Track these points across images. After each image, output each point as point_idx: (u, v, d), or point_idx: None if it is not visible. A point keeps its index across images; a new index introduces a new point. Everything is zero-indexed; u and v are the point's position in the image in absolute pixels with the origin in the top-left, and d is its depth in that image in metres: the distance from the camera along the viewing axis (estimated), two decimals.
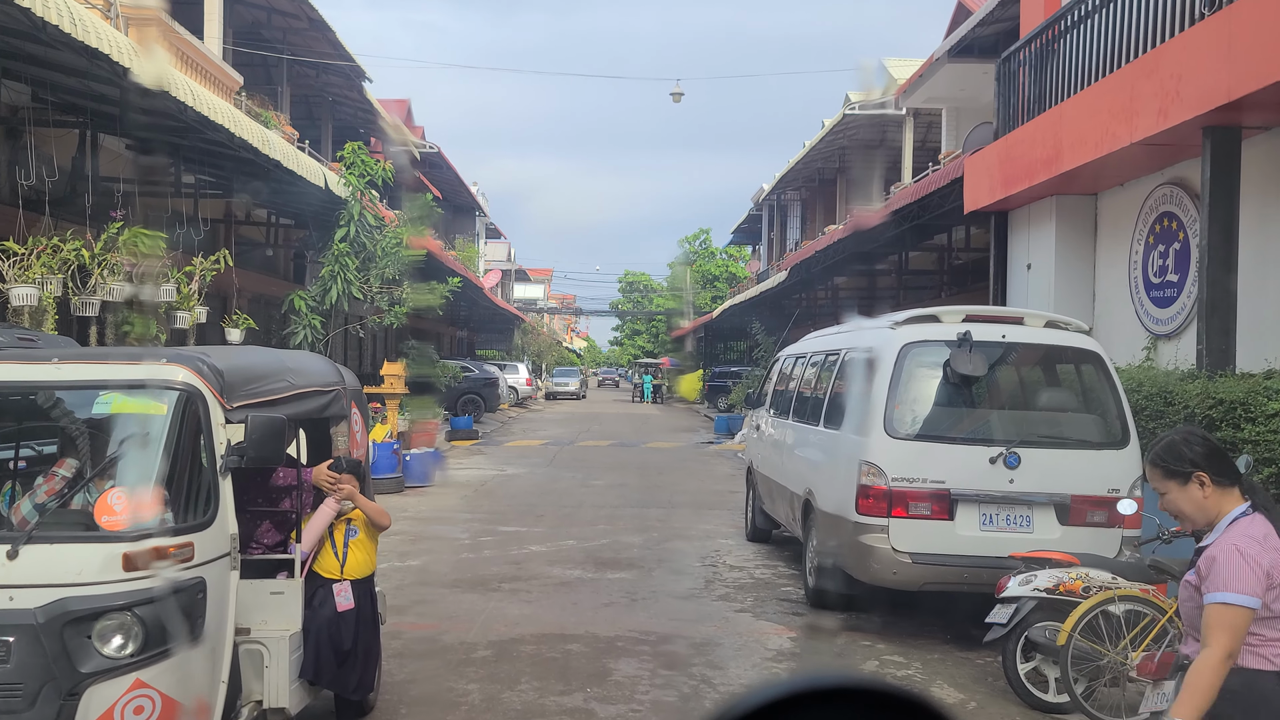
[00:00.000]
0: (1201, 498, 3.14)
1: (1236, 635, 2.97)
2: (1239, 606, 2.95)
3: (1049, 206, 11.96)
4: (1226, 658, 2.96)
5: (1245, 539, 3.01)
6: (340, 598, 5.10)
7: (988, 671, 6.88)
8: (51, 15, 7.47)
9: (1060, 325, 7.85)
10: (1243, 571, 2.96)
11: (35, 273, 8.28)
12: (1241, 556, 2.98)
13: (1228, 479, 3.12)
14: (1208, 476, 3.12)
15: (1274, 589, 3.00)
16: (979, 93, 19.21)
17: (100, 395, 4.16)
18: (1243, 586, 2.96)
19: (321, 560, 5.15)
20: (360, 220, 15.40)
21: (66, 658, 3.65)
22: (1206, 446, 3.16)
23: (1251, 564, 2.97)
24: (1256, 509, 3.10)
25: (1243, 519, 3.08)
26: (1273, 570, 2.99)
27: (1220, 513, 3.13)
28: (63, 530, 3.95)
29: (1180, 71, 8.33)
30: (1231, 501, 3.12)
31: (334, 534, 5.18)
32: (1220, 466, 3.14)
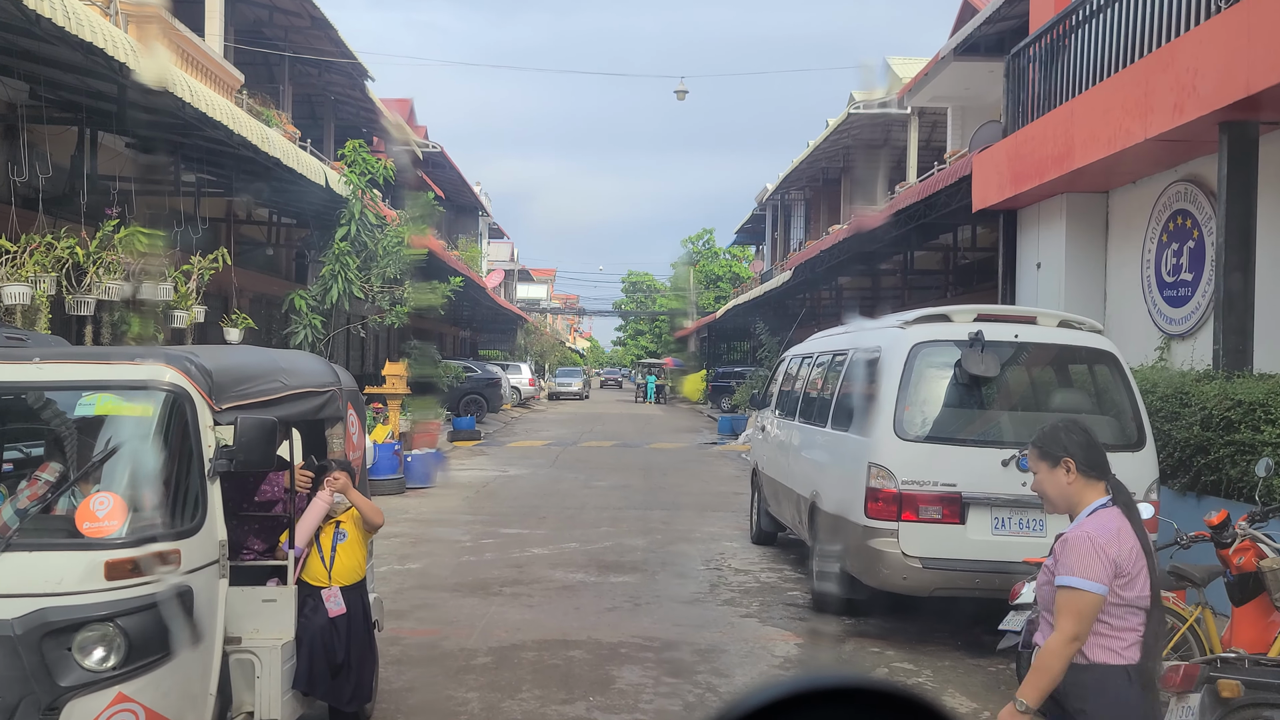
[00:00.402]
0: (1065, 483, 3.27)
1: (1083, 619, 3.07)
2: (1086, 592, 3.07)
3: (1059, 204, 11.79)
4: (1072, 640, 3.07)
5: (1099, 529, 3.14)
6: (330, 603, 4.92)
7: (1000, 679, 6.71)
8: (44, 8, 7.32)
9: (1074, 325, 7.67)
10: (1091, 558, 3.08)
11: (28, 271, 8.14)
12: (1092, 544, 3.10)
13: (1095, 473, 3.25)
14: (1074, 464, 3.25)
15: (1121, 578, 3.10)
16: (985, 91, 19.06)
17: (83, 396, 4.00)
18: (1090, 573, 3.07)
19: (309, 566, 4.96)
20: (361, 219, 15.26)
21: (45, 671, 3.49)
22: (1084, 438, 3.29)
23: (1099, 552, 3.08)
24: (1115, 503, 3.22)
25: (1101, 510, 3.21)
26: (1120, 561, 3.10)
27: (1082, 502, 3.26)
28: (43, 537, 3.78)
29: (1197, 66, 8.16)
30: (1094, 493, 3.25)
31: (320, 538, 4.99)
32: (1090, 459, 3.26)
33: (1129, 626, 3.14)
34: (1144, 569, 3.16)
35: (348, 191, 14.96)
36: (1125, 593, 3.12)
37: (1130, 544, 3.14)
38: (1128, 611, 3.13)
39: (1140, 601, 3.14)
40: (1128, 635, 3.14)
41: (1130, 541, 3.14)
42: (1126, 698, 3.10)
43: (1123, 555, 3.11)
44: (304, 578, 4.91)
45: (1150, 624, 3.17)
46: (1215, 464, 7.67)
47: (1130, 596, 3.13)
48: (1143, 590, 3.14)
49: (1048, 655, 3.10)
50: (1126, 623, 3.14)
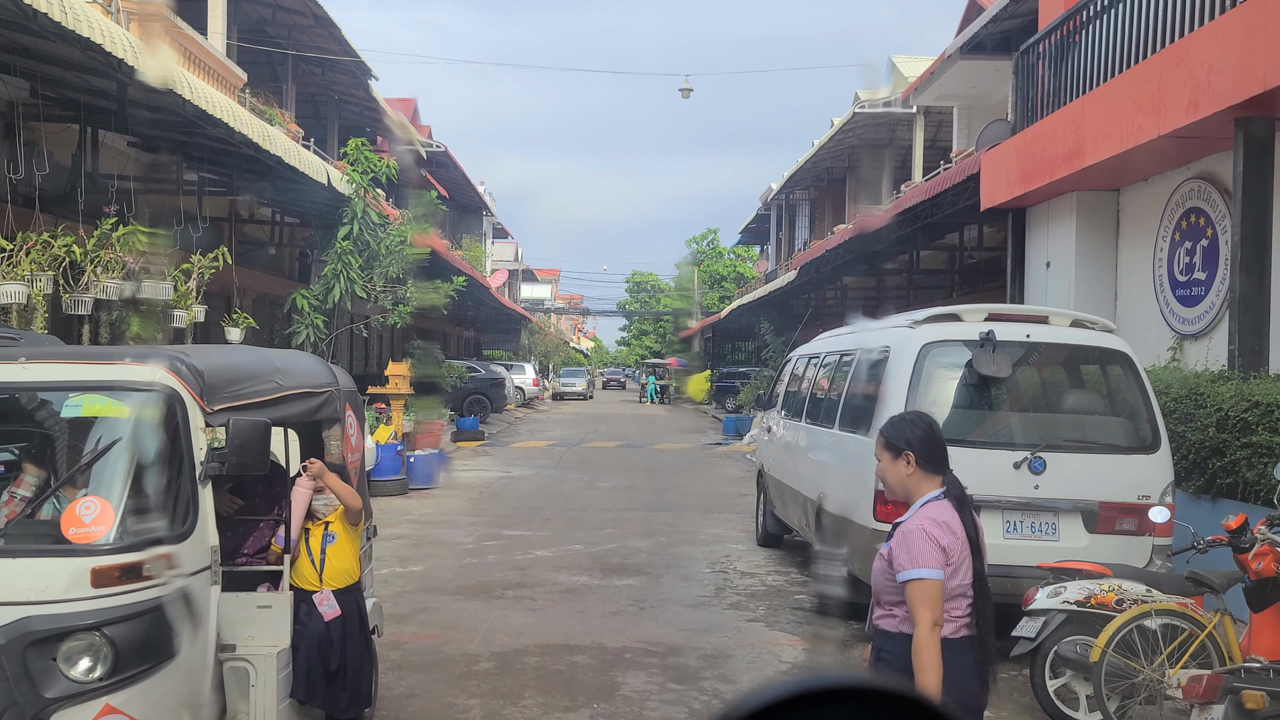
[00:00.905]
0: (905, 474, 3.46)
1: (935, 604, 3.29)
2: (929, 580, 3.29)
3: (1069, 202, 11.65)
4: (934, 626, 3.29)
5: (930, 520, 3.34)
6: (323, 606, 4.77)
7: (1013, 686, 6.58)
8: (41, 4, 7.22)
9: (1087, 324, 7.53)
10: (926, 548, 3.30)
11: (24, 270, 8.03)
12: (925, 535, 3.31)
13: (933, 466, 3.44)
14: (914, 457, 3.43)
15: (948, 567, 3.32)
16: (991, 90, 18.93)
17: (70, 398, 3.88)
18: (928, 561, 3.30)
19: (299, 571, 4.81)
20: (364, 218, 15.15)
21: (29, 681, 3.36)
22: (925, 433, 3.46)
23: (933, 542, 3.30)
24: (948, 497, 3.40)
25: (932, 503, 3.40)
26: (949, 550, 3.32)
27: (918, 492, 3.45)
28: (27, 543, 3.66)
29: (1212, 61, 8.02)
30: (930, 485, 3.43)
31: (309, 542, 4.84)
32: (930, 453, 3.44)
33: (955, 608, 3.38)
34: (967, 559, 3.38)
35: (350, 190, 14.85)
36: (950, 581, 3.35)
37: (958, 535, 3.36)
38: (953, 596, 3.37)
39: (963, 589, 3.38)
40: (951, 615, 3.38)
41: (959, 533, 3.36)
42: (953, 668, 3.33)
43: (951, 545, 3.33)
44: (295, 583, 4.76)
45: (977, 605, 3.41)
46: (1231, 466, 7.53)
47: (954, 585, 3.36)
48: (964, 578, 3.37)
49: (922, 649, 3.28)
50: (953, 604, 3.38)
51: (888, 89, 24.55)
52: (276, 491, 5.20)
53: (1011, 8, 14.82)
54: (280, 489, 5.23)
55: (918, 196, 15.74)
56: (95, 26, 7.82)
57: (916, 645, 3.28)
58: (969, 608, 3.40)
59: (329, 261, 15.18)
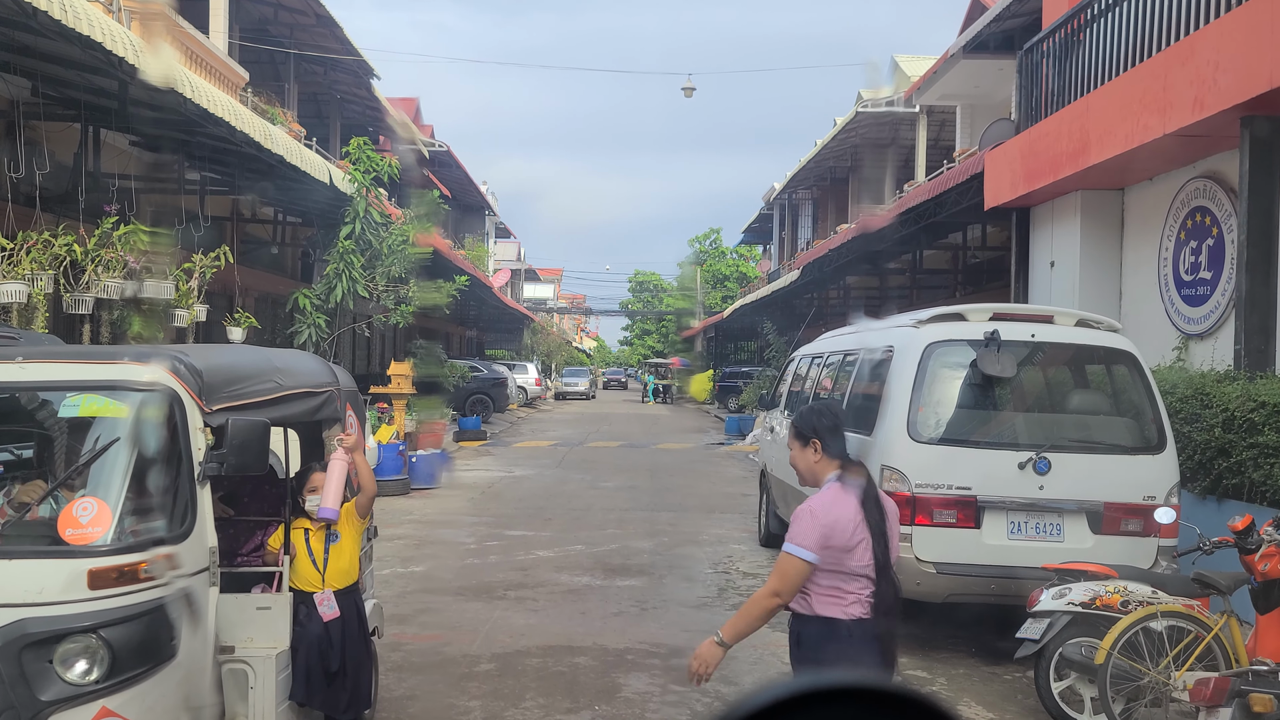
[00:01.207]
0: (813, 460, 3.70)
1: (786, 579, 3.50)
2: (795, 557, 3.49)
3: (1073, 202, 11.60)
4: (773, 594, 3.52)
5: (820, 502, 3.57)
6: (323, 607, 4.71)
7: (1017, 688, 6.54)
8: (41, 1, 7.19)
9: (1092, 324, 7.49)
10: (807, 528, 3.49)
11: (25, 269, 8.00)
12: (811, 516, 3.51)
13: (835, 452, 3.68)
14: (820, 445, 3.67)
15: (836, 548, 3.49)
16: (994, 89, 18.88)
17: (68, 397, 3.84)
18: (803, 541, 3.49)
19: (300, 572, 4.75)
20: (366, 218, 15.11)
21: (26, 684, 3.33)
22: (831, 424, 3.71)
23: (814, 521, 3.49)
24: (842, 481, 3.62)
25: (830, 486, 3.62)
26: (832, 530, 3.48)
27: (824, 478, 3.68)
28: (23, 545, 3.62)
29: (1217, 59, 7.97)
30: (831, 469, 3.66)
31: (311, 541, 4.78)
32: (833, 441, 3.69)
33: (853, 590, 3.52)
34: (864, 542, 3.51)
35: (352, 190, 14.82)
36: (849, 561, 3.50)
37: (846, 516, 3.51)
38: (852, 578, 3.52)
39: (863, 570, 3.52)
40: (851, 596, 3.52)
41: (847, 514, 3.51)
42: (847, 645, 3.51)
43: (836, 525, 3.49)
44: (295, 584, 4.72)
45: (879, 588, 3.54)
46: (1238, 467, 7.49)
47: (852, 565, 3.51)
48: (863, 560, 3.50)
49: (751, 603, 3.59)
50: (851, 586, 3.52)
51: (891, 88, 24.50)
52: (265, 491, 5.17)
53: (1015, 6, 14.77)
54: (269, 490, 5.20)
55: (921, 196, 15.69)
56: (96, 25, 7.79)
57: (753, 598, 3.61)
58: (868, 590, 3.54)
59: (331, 261, 15.15)
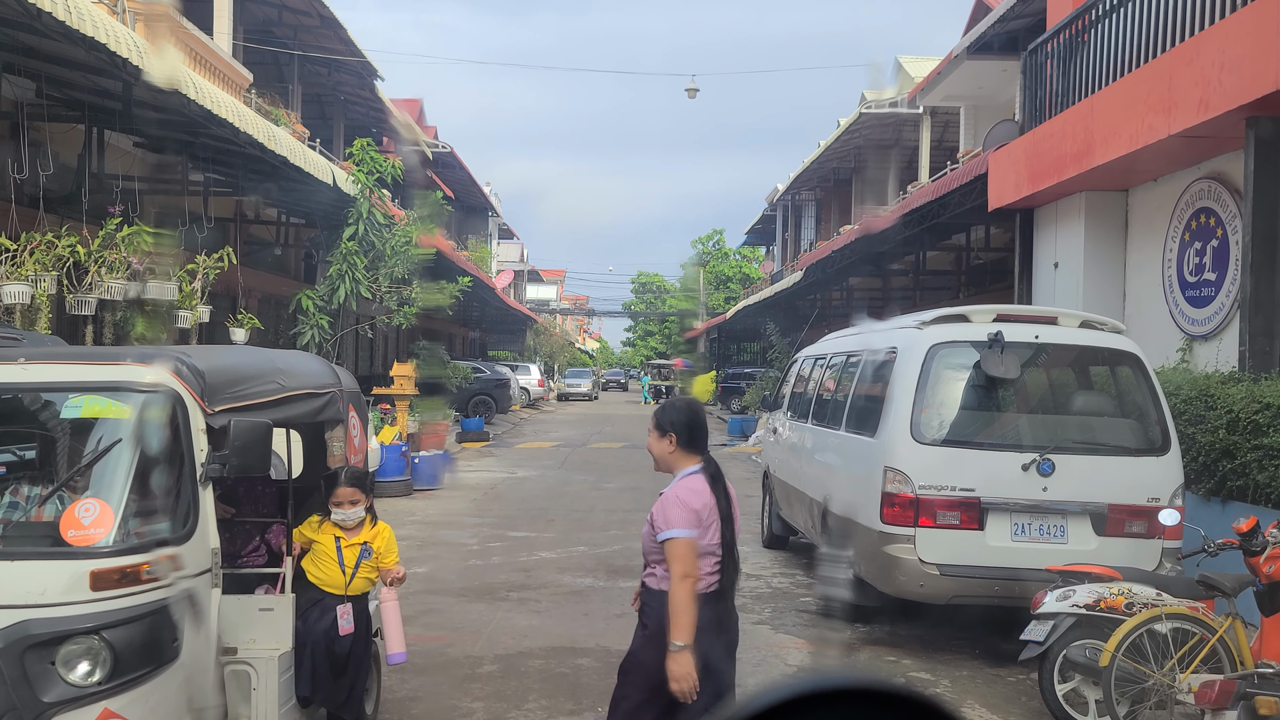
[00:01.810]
0: (668, 451, 4.10)
1: (688, 559, 3.85)
2: (684, 538, 3.86)
3: (1078, 203, 11.58)
4: (685, 577, 3.83)
5: (685, 490, 3.96)
6: (344, 620, 4.72)
7: (1021, 690, 6.52)
8: (45, 3, 7.20)
9: (1096, 325, 7.47)
10: (681, 512, 3.89)
11: (28, 270, 8.01)
12: (680, 501, 3.92)
13: (693, 447, 4.07)
14: (676, 438, 4.06)
15: (698, 529, 3.90)
16: (998, 90, 18.86)
17: (70, 398, 3.84)
18: (681, 522, 3.88)
19: (325, 571, 4.73)
20: (369, 218, 15.12)
21: (28, 686, 3.32)
22: (689, 419, 4.10)
23: (685, 506, 3.90)
24: (703, 472, 4.02)
25: (690, 476, 4.02)
26: (700, 512, 3.90)
27: (679, 467, 4.06)
28: (25, 546, 3.62)
29: (1223, 60, 7.95)
30: (690, 462, 4.05)
31: (344, 552, 4.76)
32: (690, 436, 4.08)
33: (703, 566, 3.94)
34: (715, 523, 3.96)
35: (356, 191, 14.83)
36: (701, 541, 3.92)
37: (704, 503, 3.94)
38: (703, 556, 3.92)
39: (712, 549, 3.96)
40: (701, 572, 3.92)
41: (705, 501, 3.94)
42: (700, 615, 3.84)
43: (701, 510, 3.92)
44: (316, 580, 4.72)
45: (724, 565, 3.99)
46: (1242, 468, 7.46)
47: (704, 544, 3.93)
48: (713, 540, 3.95)
49: (677, 598, 3.81)
50: (702, 563, 3.93)
51: (894, 89, 24.49)
52: (259, 492, 5.17)
53: (1019, 7, 14.75)
54: (262, 490, 5.20)
55: (924, 197, 15.68)
56: (100, 26, 7.80)
57: (674, 595, 3.82)
58: (716, 566, 3.99)
59: (334, 262, 15.16)
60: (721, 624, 3.99)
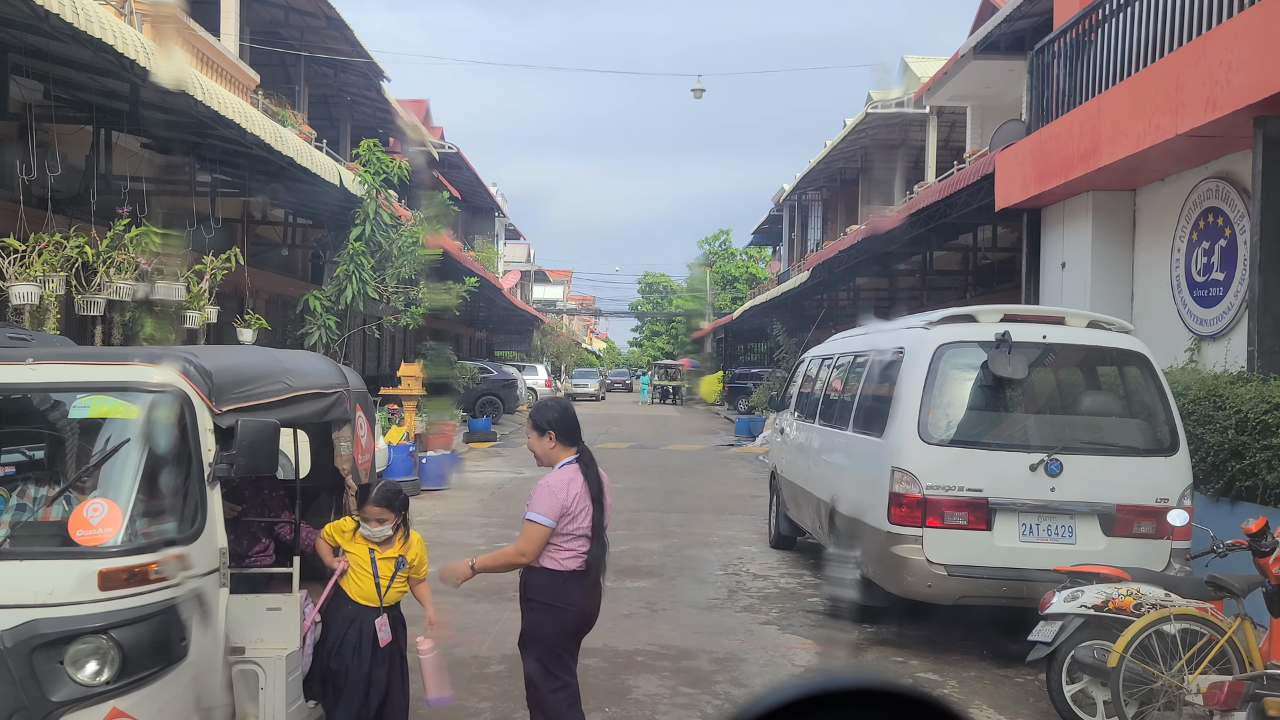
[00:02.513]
0: (548, 447, 4.54)
1: (531, 542, 4.38)
2: (537, 524, 4.37)
3: (1085, 203, 11.55)
4: (520, 554, 4.43)
5: (556, 480, 4.44)
6: (383, 632, 4.68)
7: (1029, 691, 6.51)
8: (53, 5, 7.22)
9: (1103, 325, 7.45)
10: (547, 500, 4.37)
11: (37, 270, 8.03)
12: (549, 490, 4.40)
13: (568, 440, 4.55)
14: (555, 434, 4.54)
15: (568, 516, 4.38)
16: (1005, 90, 18.82)
17: (78, 398, 3.85)
18: (542, 509, 4.37)
19: (359, 585, 4.66)
20: (376, 219, 15.13)
21: (36, 685, 3.33)
22: (560, 417, 4.59)
23: (552, 495, 4.38)
24: (578, 463, 4.50)
25: (565, 466, 4.49)
26: (567, 503, 4.37)
27: (557, 460, 4.55)
28: (34, 546, 3.63)
29: (1230, 59, 7.92)
30: (566, 454, 4.53)
31: (378, 562, 4.69)
32: (564, 431, 4.56)
33: (573, 547, 4.41)
34: (587, 509, 4.43)
35: (362, 191, 14.85)
36: (571, 525, 4.38)
37: (575, 491, 4.41)
38: (573, 538, 4.40)
39: (582, 531, 4.42)
40: (569, 552, 4.42)
41: (577, 489, 4.42)
42: (561, 590, 4.44)
43: (569, 499, 4.38)
44: (350, 593, 4.67)
45: (592, 548, 4.45)
46: (1251, 469, 7.44)
47: (574, 528, 4.39)
48: (584, 524, 4.41)
49: (503, 554, 4.53)
50: (572, 545, 4.41)
51: (900, 89, 24.46)
52: (265, 495, 5.17)
53: (1025, 7, 14.71)
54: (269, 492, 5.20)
55: (931, 197, 15.65)
56: (108, 28, 7.82)
57: (506, 551, 4.51)
58: (585, 547, 4.43)
59: (341, 262, 15.18)
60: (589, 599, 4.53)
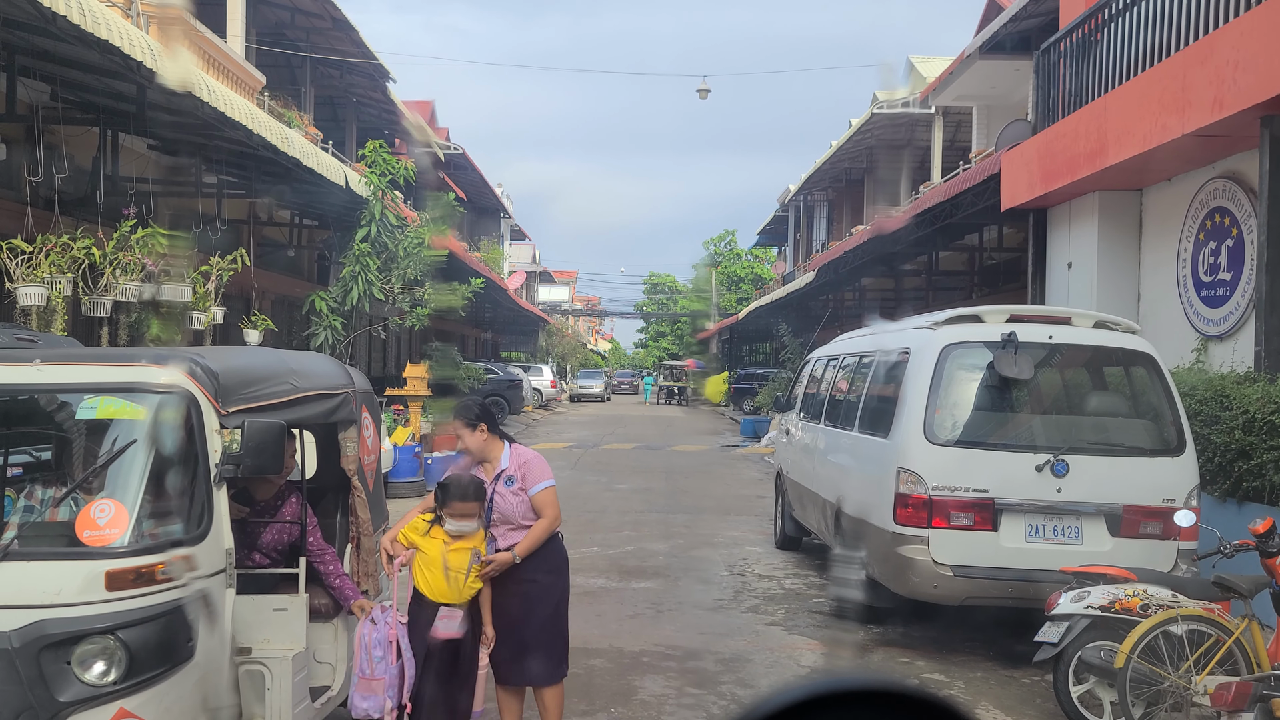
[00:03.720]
0: (482, 440, 4.82)
1: (557, 505, 4.83)
2: (552, 486, 4.86)
3: (1091, 203, 11.53)
4: (554, 521, 4.81)
5: (530, 451, 4.94)
6: (445, 622, 4.51)
7: (1035, 692, 6.50)
8: (60, 6, 7.25)
9: (1110, 325, 7.43)
10: (544, 465, 4.89)
11: (44, 272, 8.06)
12: (540, 458, 4.90)
13: (497, 430, 4.89)
14: (485, 427, 4.82)
15: None
16: (1010, 90, 18.79)
17: (85, 399, 3.86)
18: (549, 474, 4.88)
19: (436, 579, 4.53)
20: (382, 220, 15.16)
21: (44, 685, 3.34)
22: (484, 409, 4.90)
23: (545, 462, 4.91)
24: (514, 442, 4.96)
25: (516, 446, 4.92)
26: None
27: (493, 449, 4.85)
28: (41, 546, 3.64)
29: (1237, 58, 7.90)
30: (499, 443, 4.87)
31: (449, 559, 4.54)
32: (493, 421, 4.88)
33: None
34: None
35: (368, 192, 14.87)
36: None
37: None
38: None
39: None
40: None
41: None
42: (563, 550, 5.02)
43: None
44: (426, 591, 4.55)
45: None
46: (1258, 469, 7.41)
47: None
48: None
49: (542, 531, 4.77)
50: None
51: (906, 89, 24.42)
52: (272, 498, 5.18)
53: (1031, 7, 14.69)
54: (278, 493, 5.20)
55: (937, 197, 15.63)
56: (115, 29, 7.85)
57: (543, 529, 4.74)
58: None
59: (347, 263, 15.21)
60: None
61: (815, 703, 1.00)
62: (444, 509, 4.62)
